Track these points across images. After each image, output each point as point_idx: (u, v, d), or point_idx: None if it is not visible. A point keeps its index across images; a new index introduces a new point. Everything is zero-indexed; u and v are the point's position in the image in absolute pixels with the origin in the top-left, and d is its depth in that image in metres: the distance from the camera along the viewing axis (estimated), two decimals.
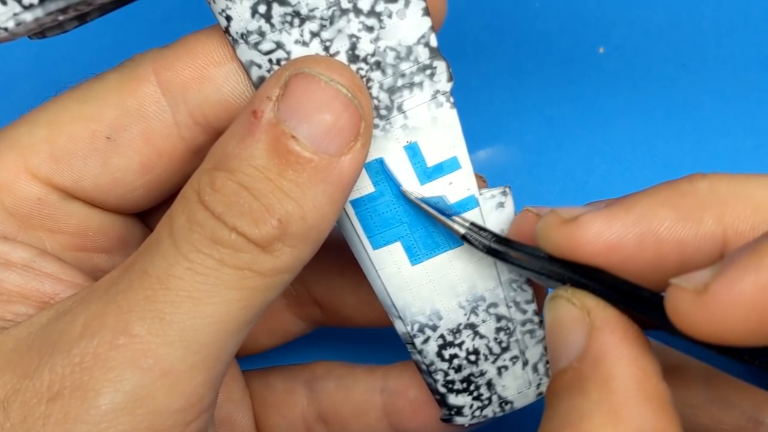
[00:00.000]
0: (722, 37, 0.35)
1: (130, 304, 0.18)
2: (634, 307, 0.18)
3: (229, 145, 0.19)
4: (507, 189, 0.22)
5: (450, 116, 0.21)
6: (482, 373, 0.24)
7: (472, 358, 0.23)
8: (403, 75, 0.21)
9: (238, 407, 0.26)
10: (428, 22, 0.20)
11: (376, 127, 0.21)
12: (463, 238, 0.21)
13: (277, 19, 0.20)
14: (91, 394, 0.17)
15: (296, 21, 0.20)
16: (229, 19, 0.20)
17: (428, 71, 0.21)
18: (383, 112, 0.21)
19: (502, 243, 0.21)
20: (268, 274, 0.19)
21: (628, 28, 0.35)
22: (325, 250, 0.20)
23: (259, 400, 0.27)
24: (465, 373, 0.24)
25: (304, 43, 0.20)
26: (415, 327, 0.23)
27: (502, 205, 0.22)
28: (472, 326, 0.23)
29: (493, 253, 0.21)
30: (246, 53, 0.20)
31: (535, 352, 0.24)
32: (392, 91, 0.21)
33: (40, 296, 0.20)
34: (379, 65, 0.20)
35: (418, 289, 0.23)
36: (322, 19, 0.20)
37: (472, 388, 0.24)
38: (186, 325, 0.18)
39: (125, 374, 0.18)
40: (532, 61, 0.35)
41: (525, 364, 0.24)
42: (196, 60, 0.21)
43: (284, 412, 0.27)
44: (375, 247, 0.22)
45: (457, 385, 0.24)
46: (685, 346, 0.17)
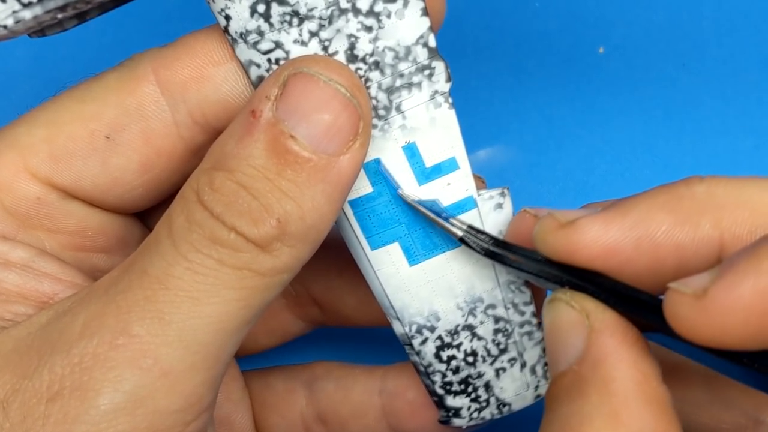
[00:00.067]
0: (722, 37, 0.35)
1: (130, 304, 0.18)
2: (633, 311, 0.18)
3: (228, 145, 0.19)
4: (505, 190, 0.22)
5: (448, 117, 0.21)
6: (480, 375, 0.24)
7: (470, 359, 0.23)
8: (402, 75, 0.21)
9: (238, 407, 0.26)
10: (427, 23, 0.20)
11: (375, 127, 0.21)
12: (461, 241, 0.21)
13: (276, 19, 0.20)
14: (91, 395, 0.17)
15: (295, 20, 0.20)
16: (228, 18, 0.20)
17: (427, 71, 0.21)
18: (382, 113, 0.21)
19: (500, 246, 0.21)
20: (267, 274, 0.19)
21: (628, 28, 0.35)
22: (324, 250, 0.20)
23: (259, 400, 0.27)
24: (463, 374, 0.24)
25: (303, 43, 0.20)
26: (413, 328, 0.23)
27: (500, 206, 0.22)
28: (470, 328, 0.23)
29: (490, 255, 0.21)
30: (245, 53, 0.20)
31: (533, 354, 0.24)
32: (391, 91, 0.21)
33: (40, 296, 0.20)
34: (377, 65, 0.20)
35: (416, 290, 0.23)
36: (320, 18, 0.20)
37: (470, 389, 0.24)
38: (185, 325, 0.18)
39: (125, 374, 0.18)
40: (532, 61, 0.35)
41: (523, 366, 0.24)
42: (195, 59, 0.21)
43: (283, 412, 0.27)
44: (373, 248, 0.22)
45: (455, 387, 0.24)
46: (684, 349, 0.17)
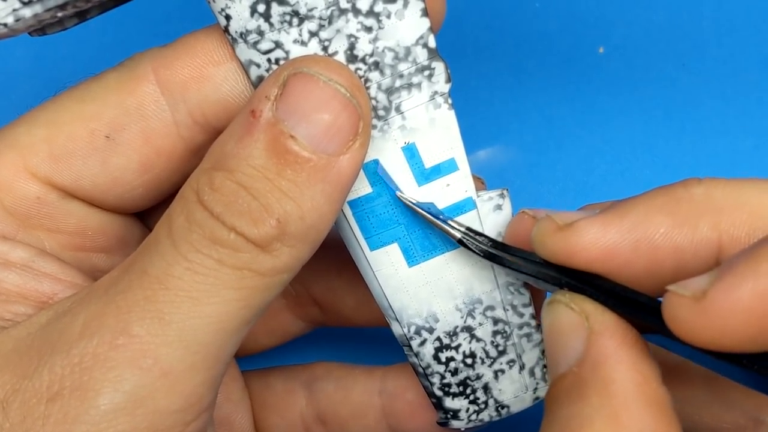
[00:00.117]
0: (722, 37, 0.35)
1: (130, 305, 0.18)
2: (632, 313, 0.18)
3: (228, 145, 0.19)
4: (505, 191, 0.22)
5: (448, 117, 0.21)
6: (479, 377, 0.24)
7: (469, 361, 0.23)
8: (402, 76, 0.21)
9: (237, 407, 0.26)
10: (427, 23, 0.20)
11: (374, 127, 0.21)
12: (460, 242, 0.21)
13: (276, 19, 0.20)
14: (91, 395, 0.17)
15: (295, 20, 0.20)
16: (229, 18, 0.20)
17: (426, 72, 0.21)
18: (381, 113, 0.21)
19: (499, 248, 0.21)
20: (267, 274, 0.19)
21: (628, 28, 0.35)
22: (324, 250, 0.20)
23: (258, 401, 0.27)
24: (461, 376, 0.24)
25: (303, 43, 0.20)
26: (412, 329, 0.23)
27: (499, 207, 0.22)
28: (468, 329, 0.23)
29: (489, 257, 0.21)
30: (245, 52, 0.20)
31: (532, 355, 0.24)
32: (390, 91, 0.21)
33: (39, 296, 0.20)
34: (377, 66, 0.20)
35: (414, 291, 0.23)
36: (320, 18, 0.20)
37: (469, 391, 0.24)
38: (185, 325, 0.18)
39: (125, 374, 0.18)
40: (532, 62, 0.35)
41: (522, 367, 0.24)
42: (195, 59, 0.21)
43: (283, 413, 0.27)
44: (372, 248, 0.22)
45: (454, 389, 0.24)
46: (684, 350, 0.17)
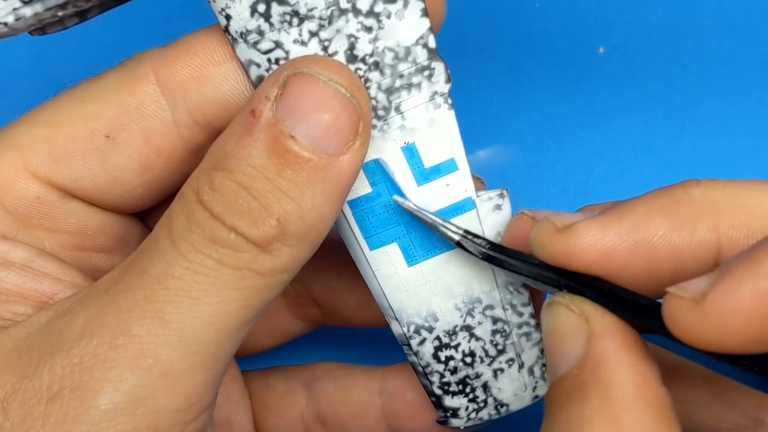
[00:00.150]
0: (722, 37, 0.35)
1: (130, 304, 0.18)
2: (631, 315, 0.18)
3: (228, 145, 0.19)
4: (504, 191, 0.22)
5: (448, 118, 0.21)
6: (478, 376, 0.24)
7: (468, 360, 0.23)
8: (402, 76, 0.21)
9: (237, 407, 0.26)
10: (427, 23, 0.20)
11: (374, 127, 0.21)
12: (458, 245, 0.21)
13: (276, 19, 0.20)
14: (91, 394, 0.17)
15: (295, 20, 0.20)
16: (229, 18, 0.20)
17: (426, 72, 0.21)
18: (381, 113, 0.21)
19: (498, 250, 0.21)
20: (267, 274, 0.19)
21: (628, 28, 0.35)
22: (324, 250, 0.20)
23: (258, 401, 0.27)
24: (461, 375, 0.24)
25: (303, 43, 0.20)
26: (411, 328, 0.23)
27: (499, 207, 0.22)
28: (468, 328, 0.23)
29: (488, 259, 0.21)
30: (245, 52, 0.20)
31: (531, 354, 0.24)
32: (390, 91, 0.21)
33: (39, 296, 0.20)
34: (377, 66, 0.20)
35: (414, 291, 0.23)
36: (320, 18, 0.20)
37: (468, 390, 0.24)
38: (185, 325, 0.18)
39: (125, 374, 0.18)
40: (532, 62, 0.35)
41: (521, 366, 0.24)
42: (195, 59, 0.21)
43: (283, 413, 0.27)
44: (372, 248, 0.22)
45: (453, 387, 0.24)
46: (684, 351, 0.17)
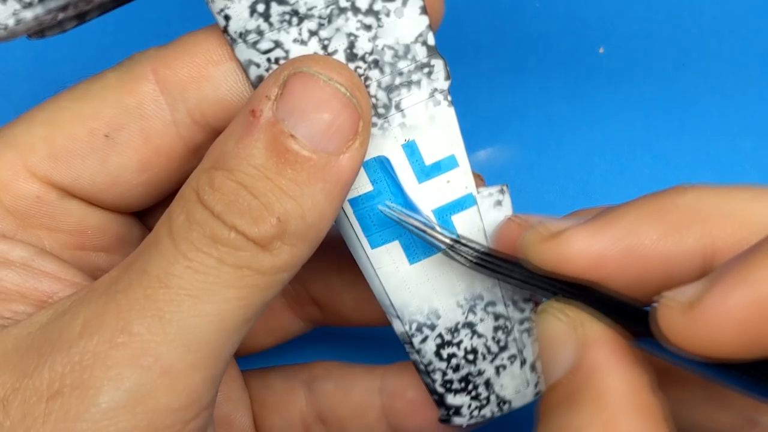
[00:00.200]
0: (722, 36, 0.35)
1: (130, 303, 0.18)
2: (623, 321, 0.18)
3: (228, 145, 0.19)
4: (504, 187, 0.22)
5: (448, 114, 0.21)
6: (480, 373, 0.24)
7: (470, 357, 0.23)
8: (401, 73, 0.21)
9: (237, 407, 0.26)
10: (426, 21, 0.20)
11: (374, 125, 0.21)
12: (446, 254, 0.21)
13: (275, 18, 0.20)
14: (91, 393, 0.17)
15: (294, 20, 0.20)
16: (228, 18, 0.20)
17: (426, 69, 0.21)
18: (381, 111, 0.21)
19: (487, 257, 0.21)
20: (267, 273, 0.19)
21: (628, 28, 0.35)
22: (324, 249, 0.20)
23: (258, 400, 0.27)
24: (463, 372, 0.24)
25: (303, 42, 0.20)
26: (413, 326, 0.23)
27: (499, 203, 0.22)
28: (470, 325, 0.23)
29: (478, 266, 0.21)
30: (244, 52, 0.20)
31: (533, 351, 0.24)
32: (390, 89, 0.21)
33: (39, 295, 0.20)
34: (377, 64, 0.20)
35: (416, 288, 0.23)
36: (320, 17, 0.20)
37: (470, 387, 0.24)
38: (185, 323, 0.18)
39: (125, 372, 0.17)
40: (533, 61, 0.35)
41: (523, 363, 0.24)
42: (194, 59, 0.21)
43: (283, 412, 0.27)
44: (373, 246, 0.22)
45: (455, 385, 0.24)
46: (675, 358, 0.17)
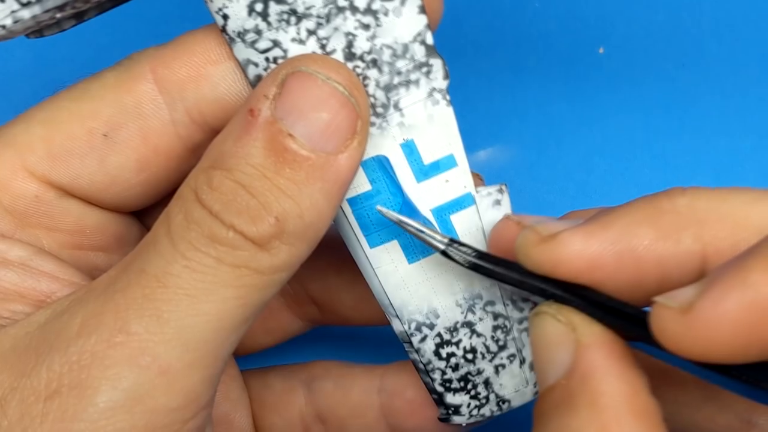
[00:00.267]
0: (722, 36, 0.35)
1: (128, 303, 0.18)
2: (619, 324, 0.18)
3: (226, 144, 0.19)
4: (503, 186, 0.22)
5: (446, 114, 0.21)
6: (479, 372, 0.24)
7: (470, 356, 0.23)
8: (400, 73, 0.21)
9: (236, 406, 0.26)
10: (424, 20, 0.20)
11: (373, 125, 0.21)
12: (443, 254, 0.21)
13: (273, 18, 0.20)
14: (89, 392, 0.17)
15: (293, 19, 0.20)
16: (226, 17, 0.20)
17: (424, 69, 0.21)
18: (380, 110, 0.21)
19: (484, 258, 0.21)
20: (266, 272, 0.19)
21: (628, 28, 0.35)
22: (322, 249, 0.20)
23: (257, 400, 0.27)
24: (462, 371, 0.24)
25: (301, 42, 0.20)
26: (413, 326, 0.23)
27: (498, 202, 0.22)
28: (469, 324, 0.23)
29: (475, 268, 0.21)
30: (243, 52, 0.20)
31: (531, 349, 0.24)
32: (388, 88, 0.21)
33: (37, 295, 0.20)
34: (375, 63, 0.20)
35: (415, 288, 0.23)
36: (318, 17, 0.20)
37: (470, 386, 0.24)
38: (184, 323, 0.18)
39: (123, 372, 0.17)
40: (532, 61, 0.35)
41: (522, 362, 0.24)
42: (192, 58, 0.21)
43: (282, 412, 0.27)
44: (372, 246, 0.22)
45: (455, 384, 0.24)
46: (672, 359, 0.17)
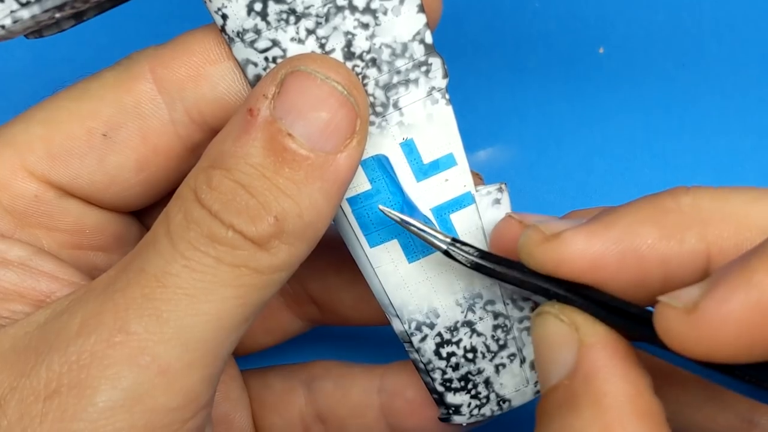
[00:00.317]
0: (722, 36, 0.35)
1: (128, 302, 0.18)
2: (622, 324, 0.18)
3: (226, 144, 0.19)
4: (503, 185, 0.22)
5: (445, 113, 0.21)
6: (480, 371, 0.24)
7: (470, 356, 0.23)
8: (399, 72, 0.21)
9: (236, 406, 0.26)
10: (423, 19, 0.20)
11: (372, 124, 0.21)
12: (446, 254, 0.21)
13: (272, 17, 0.20)
14: (89, 392, 0.17)
15: (292, 19, 0.20)
16: (225, 17, 0.20)
17: (423, 68, 0.21)
18: (379, 109, 0.21)
19: (486, 258, 0.21)
20: (265, 272, 0.19)
21: (628, 28, 0.35)
22: (322, 248, 0.20)
23: (257, 400, 0.27)
24: (463, 371, 0.24)
25: (300, 41, 0.20)
26: (413, 325, 0.23)
27: (498, 201, 0.22)
28: (469, 324, 0.23)
29: (476, 268, 0.21)
30: (242, 51, 0.20)
31: (533, 349, 0.24)
32: (388, 88, 0.21)
33: (37, 295, 0.20)
34: (374, 62, 0.20)
35: (415, 287, 0.22)
36: (317, 16, 0.20)
37: (470, 386, 0.24)
38: (183, 322, 0.18)
39: (123, 372, 0.17)
40: (532, 61, 0.35)
41: (522, 361, 0.24)
42: (192, 58, 0.21)
43: (282, 412, 0.27)
44: (372, 245, 0.22)
45: (455, 384, 0.24)
46: (675, 359, 0.17)
